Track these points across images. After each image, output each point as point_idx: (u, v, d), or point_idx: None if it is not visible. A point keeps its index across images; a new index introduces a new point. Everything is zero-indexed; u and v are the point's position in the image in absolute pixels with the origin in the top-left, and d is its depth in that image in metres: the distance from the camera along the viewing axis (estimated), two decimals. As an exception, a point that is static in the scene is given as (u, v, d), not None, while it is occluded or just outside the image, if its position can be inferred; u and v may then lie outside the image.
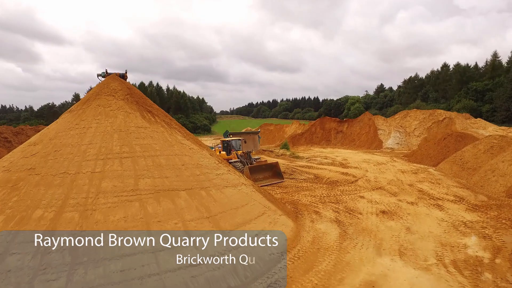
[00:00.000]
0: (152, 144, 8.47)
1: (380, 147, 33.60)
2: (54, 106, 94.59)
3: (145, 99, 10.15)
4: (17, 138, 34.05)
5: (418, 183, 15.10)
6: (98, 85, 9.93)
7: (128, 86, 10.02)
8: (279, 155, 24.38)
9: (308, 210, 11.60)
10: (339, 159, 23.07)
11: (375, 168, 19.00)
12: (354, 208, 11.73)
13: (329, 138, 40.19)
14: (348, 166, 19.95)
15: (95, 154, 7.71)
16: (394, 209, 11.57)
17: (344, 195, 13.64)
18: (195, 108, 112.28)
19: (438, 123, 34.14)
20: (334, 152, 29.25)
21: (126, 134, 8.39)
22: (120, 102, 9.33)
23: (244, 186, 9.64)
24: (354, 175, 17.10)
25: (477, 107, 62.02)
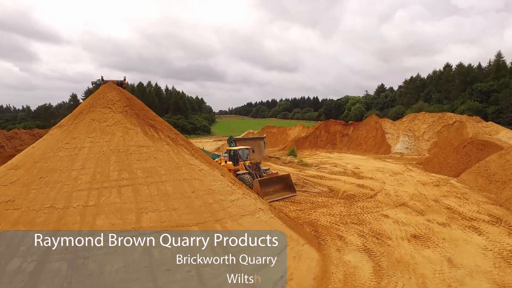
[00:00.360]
0: (157, 167, 7.18)
1: (389, 151, 32.39)
2: (51, 106, 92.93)
3: (147, 110, 8.85)
4: (11, 142, 32.68)
5: (443, 198, 13.86)
6: (92, 96, 8.63)
7: (127, 96, 8.72)
8: (287, 162, 23.11)
9: (330, 234, 10.34)
10: (351, 167, 21.82)
11: (392, 179, 17.75)
12: (380, 231, 10.48)
13: (334, 142, 38.95)
14: (362, 176, 18.69)
15: (88, 182, 6.41)
16: (425, 232, 10.32)
17: (365, 213, 12.39)
18: (194, 108, 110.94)
19: (448, 127, 32.95)
20: (343, 158, 28.01)
21: (126, 156, 7.09)
22: (118, 115, 8.03)
23: (262, 213, 8.36)
24: (372, 188, 15.85)
25: (482, 108, 60.92)
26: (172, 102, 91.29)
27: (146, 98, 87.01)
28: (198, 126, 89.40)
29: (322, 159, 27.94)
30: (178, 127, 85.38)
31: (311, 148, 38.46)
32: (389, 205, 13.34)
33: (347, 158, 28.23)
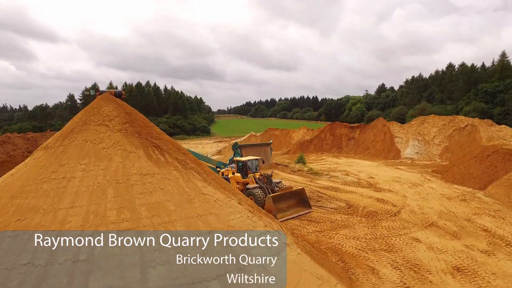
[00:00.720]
0: (164, 201, 5.84)
1: (398, 156, 31.14)
2: (48, 107, 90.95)
3: (151, 127, 7.49)
4: (3, 147, 31.03)
5: (476, 217, 12.57)
6: (85, 110, 7.26)
7: (127, 109, 7.36)
8: (295, 170, 21.79)
9: (360, 265, 9.03)
10: (364, 176, 20.51)
11: (413, 191, 16.46)
12: (416, 262, 9.17)
13: (340, 146, 37.67)
14: (380, 187, 17.39)
15: (79, 225, 5.06)
16: (469, 263, 9.02)
17: (392, 235, 11.09)
18: (193, 108, 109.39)
19: (459, 131, 31.71)
20: (352, 165, 26.70)
21: (126, 188, 5.74)
22: (117, 135, 6.67)
23: (288, 249, 7.02)
24: (393, 203, 14.54)
25: (488, 109, 59.78)
26: (171, 102, 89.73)
27: (144, 98, 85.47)
28: (198, 126, 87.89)
29: (331, 166, 26.63)
30: (178, 128, 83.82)
31: (316, 152, 37.16)
32: (417, 225, 12.04)
33: (357, 164, 26.92)
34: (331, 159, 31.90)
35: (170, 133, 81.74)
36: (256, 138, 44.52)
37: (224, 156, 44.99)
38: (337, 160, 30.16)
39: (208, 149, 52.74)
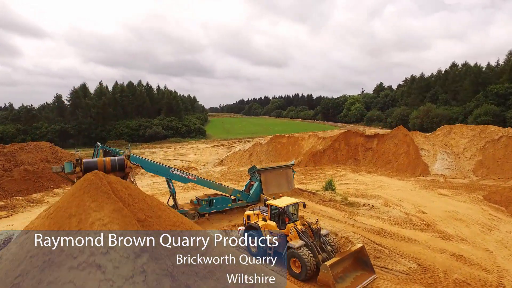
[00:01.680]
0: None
1: (427, 172, 27.84)
2: (33, 108, 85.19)
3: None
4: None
5: None
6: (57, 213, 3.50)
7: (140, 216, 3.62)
8: (327, 200, 18.18)
9: None
10: (411, 210, 17.02)
11: (492, 240, 13.02)
12: None
13: (356, 157, 34.25)
14: (444, 232, 13.89)
15: None
16: None
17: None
18: (187, 108, 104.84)
19: (493, 143, 28.54)
20: (383, 186, 23.23)
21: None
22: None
23: None
24: (481, 264, 11.02)
25: (500, 112, 57.18)
26: (165, 102, 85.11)
27: (137, 99, 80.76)
28: (193, 128, 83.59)
29: (358, 187, 23.14)
30: (172, 130, 79.39)
31: (331, 164, 33.67)
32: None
33: (388, 186, 23.44)
34: (351, 175, 28.43)
35: (164, 136, 77.41)
36: (261, 147, 40.78)
37: (227, 167, 41.10)
38: (361, 178, 26.67)
39: (208, 157, 48.77)
